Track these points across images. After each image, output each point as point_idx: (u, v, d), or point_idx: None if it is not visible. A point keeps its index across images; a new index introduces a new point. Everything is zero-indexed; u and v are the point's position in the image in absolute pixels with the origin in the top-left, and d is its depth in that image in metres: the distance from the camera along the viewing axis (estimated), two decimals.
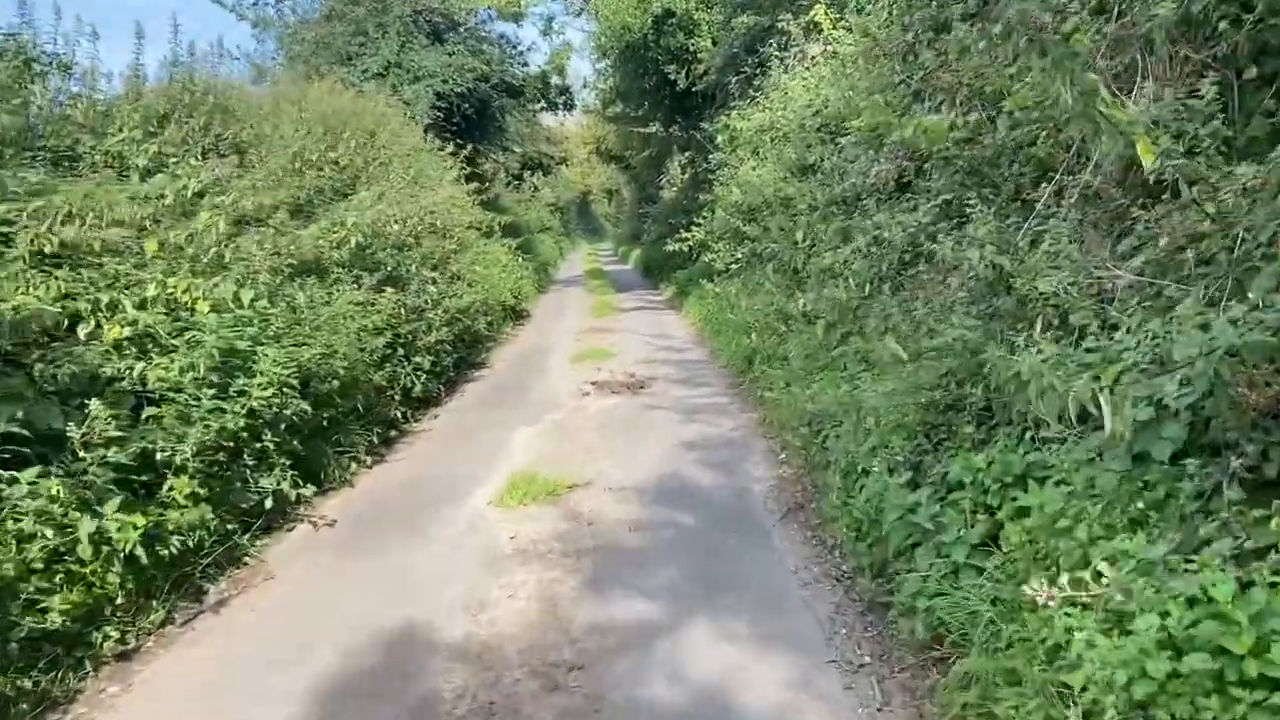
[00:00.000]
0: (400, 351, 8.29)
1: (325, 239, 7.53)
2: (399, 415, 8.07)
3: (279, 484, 5.43)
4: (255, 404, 5.35)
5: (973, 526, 3.22)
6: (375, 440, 7.35)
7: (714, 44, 16.50)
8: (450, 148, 13.13)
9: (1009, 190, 4.54)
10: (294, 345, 5.93)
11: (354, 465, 6.89)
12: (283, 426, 5.65)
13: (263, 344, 5.70)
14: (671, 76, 17.73)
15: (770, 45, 11.52)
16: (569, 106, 23.42)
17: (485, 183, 21.11)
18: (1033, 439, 3.36)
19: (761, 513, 5.47)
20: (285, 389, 5.62)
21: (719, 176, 13.02)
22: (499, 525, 5.45)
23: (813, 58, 9.58)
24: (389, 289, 8.09)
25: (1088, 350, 2.89)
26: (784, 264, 8.36)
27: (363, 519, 5.79)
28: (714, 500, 5.77)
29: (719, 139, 12.74)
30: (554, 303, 21.16)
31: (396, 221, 8.75)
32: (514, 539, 5.21)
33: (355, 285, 7.45)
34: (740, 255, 10.42)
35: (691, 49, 17.06)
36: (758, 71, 12.67)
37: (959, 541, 3.14)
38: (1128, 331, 2.99)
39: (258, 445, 5.44)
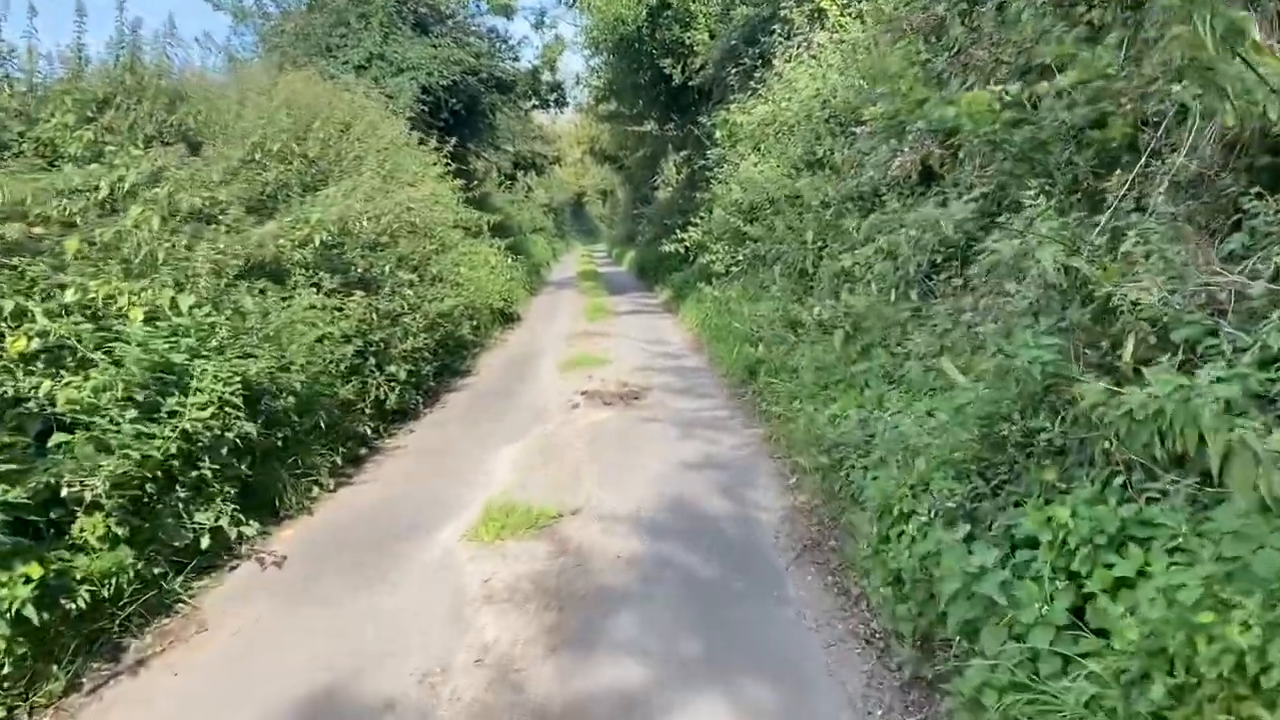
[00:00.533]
0: (371, 361, 7.59)
1: (287, 237, 6.82)
2: (369, 431, 7.36)
3: (217, 519, 4.73)
4: (190, 426, 4.65)
5: (1053, 600, 2.54)
6: (340, 460, 6.64)
7: (711, 37, 15.83)
8: (434, 143, 12.41)
9: (1066, 180, 3.86)
10: (240, 357, 5.22)
11: (315, 489, 6.19)
12: (224, 451, 4.95)
13: (204, 357, 5.00)
14: (667, 71, 17.05)
15: (774, 34, 10.85)
16: (561, 104, 22.71)
17: (475, 180, 20.41)
18: (1124, 486, 2.68)
19: (772, 550, 4.78)
20: (228, 408, 4.92)
21: (717, 174, 12.35)
22: (471, 566, 4.75)
23: (820, 45, 8.90)
24: (359, 292, 7.38)
25: (1218, 380, 2.21)
26: (791, 266, 7.68)
27: (317, 555, 5.08)
28: (718, 533, 5.08)
29: (718, 134, 12.06)
30: (546, 305, 20.46)
31: (370, 219, 8.05)
32: (487, 583, 4.51)
33: (317, 289, 6.75)
34: (742, 257, 9.73)
35: (687, 42, 16.39)
36: (758, 63, 12.01)
37: (1040, 623, 2.45)
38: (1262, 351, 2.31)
39: (194, 474, 4.74)
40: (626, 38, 17.20)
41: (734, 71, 12.81)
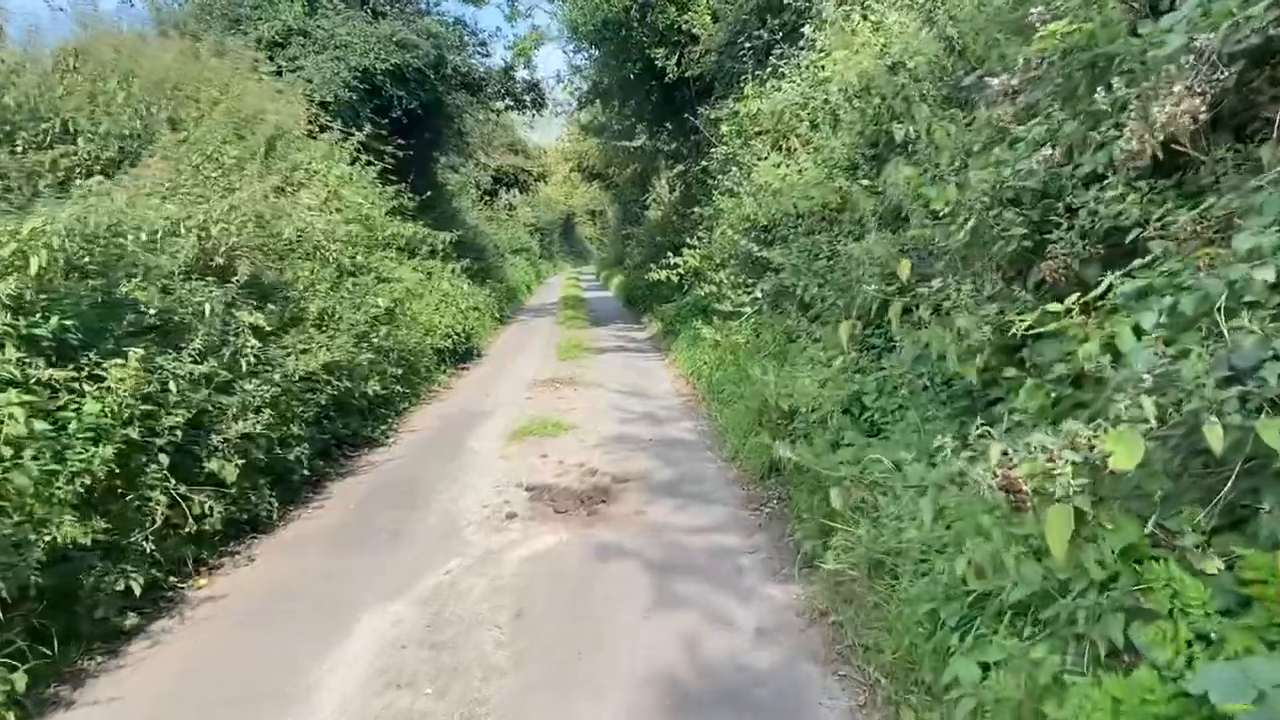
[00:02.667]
0: (161, 461, 4.59)
1: None
2: (145, 582, 4.33)
3: None
4: None
5: None
6: (72, 658, 3.64)
7: (714, 19, 13.02)
8: (339, 131, 9.43)
9: None
10: None
11: None
12: None
13: None
14: (659, 64, 14.20)
15: None
16: (539, 105, 19.77)
17: (442, 194, 17.53)
18: None
19: None
20: None
21: (721, 182, 9.48)
22: None
23: None
24: (135, 350, 4.39)
25: None
26: (852, 313, 4.75)
27: None
28: None
29: (724, 128, 9.19)
30: (516, 338, 17.53)
31: (187, 230, 5.09)
32: None
33: (21, 348, 3.77)
34: (762, 293, 6.80)
35: (684, 27, 13.57)
36: (779, 38, 9.17)
37: None
38: None
39: None
40: (612, 23, 14.36)
41: (748, 49, 9.94)
